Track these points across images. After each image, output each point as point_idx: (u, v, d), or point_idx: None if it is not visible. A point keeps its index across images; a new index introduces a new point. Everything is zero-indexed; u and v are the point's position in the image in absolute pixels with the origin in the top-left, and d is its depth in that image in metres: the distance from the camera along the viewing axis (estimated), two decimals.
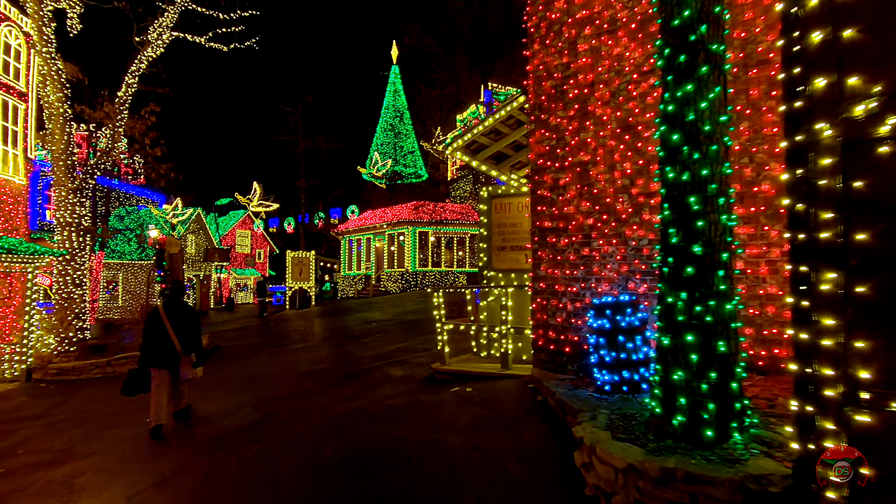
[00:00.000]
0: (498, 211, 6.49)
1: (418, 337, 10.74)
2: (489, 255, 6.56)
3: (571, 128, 5.43)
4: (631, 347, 4.25)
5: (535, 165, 5.68)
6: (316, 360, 9.47)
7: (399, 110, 33.06)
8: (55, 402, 8.50)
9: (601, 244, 5.15)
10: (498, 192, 6.54)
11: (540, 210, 5.60)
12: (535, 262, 5.63)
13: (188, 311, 6.29)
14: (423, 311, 15.66)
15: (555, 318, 5.41)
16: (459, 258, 28.09)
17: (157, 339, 5.96)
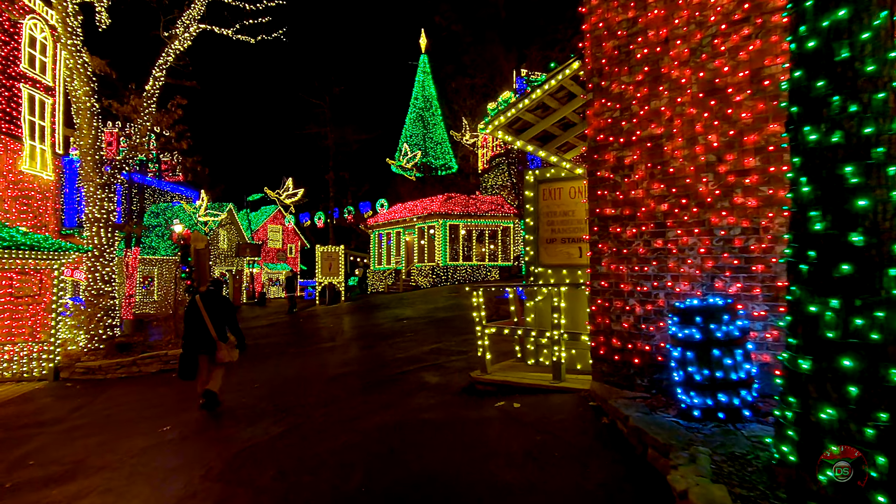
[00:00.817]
0: (546, 198, 5.66)
1: (452, 337, 10.00)
2: (536, 249, 5.73)
3: (640, 95, 4.52)
4: (729, 364, 3.37)
5: (594, 142, 4.81)
6: (344, 362, 8.86)
7: (428, 101, 32.29)
8: (77, 404, 8.19)
9: (679, 234, 4.25)
10: (546, 175, 5.69)
11: (600, 195, 4.73)
12: (594, 256, 4.77)
13: (223, 302, 6.85)
14: (455, 308, 14.93)
15: (619, 323, 4.55)
16: (492, 252, 27.21)
17: (196, 328, 6.57)
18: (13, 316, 10.74)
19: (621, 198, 4.59)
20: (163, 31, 14.53)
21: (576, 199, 5.53)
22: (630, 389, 4.41)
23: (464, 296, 18.39)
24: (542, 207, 5.69)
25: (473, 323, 12.01)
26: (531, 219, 5.78)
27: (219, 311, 6.66)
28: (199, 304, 6.61)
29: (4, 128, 10.43)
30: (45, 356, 9.98)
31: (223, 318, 6.68)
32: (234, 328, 6.80)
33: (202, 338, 6.55)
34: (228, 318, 6.74)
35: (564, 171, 5.60)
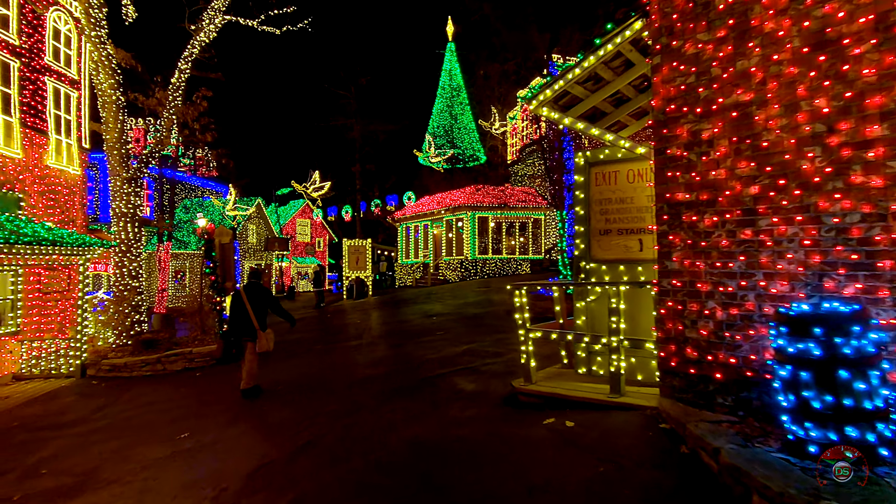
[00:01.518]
0: (599, 182, 4.92)
1: (486, 337, 9.35)
2: (587, 242, 5.00)
3: (721, 55, 3.74)
4: (862, 389, 2.61)
5: (662, 115, 4.05)
6: (371, 363, 8.34)
7: (456, 90, 31.48)
8: (100, 404, 7.94)
9: (774, 223, 3.47)
10: (599, 157, 4.95)
11: (670, 177, 3.98)
12: (662, 250, 4.03)
13: (264, 293, 7.35)
14: (486, 304, 14.27)
15: (696, 330, 3.80)
16: (522, 245, 26.38)
17: (240, 317, 7.09)
18: (42, 312, 10.67)
19: (698, 180, 3.83)
20: (188, 23, 14.28)
21: (635, 184, 4.77)
22: (709, 410, 3.68)
23: (494, 290, 17.69)
24: (594, 194, 4.95)
25: (506, 320, 11.34)
26: (581, 207, 5.05)
27: (260, 301, 7.19)
28: (243, 295, 7.16)
29: (30, 122, 10.28)
30: (72, 353, 9.85)
31: (264, 308, 7.23)
32: (280, 312, 7.49)
33: (245, 326, 7.10)
34: (271, 306, 7.39)
35: (621, 152, 4.84)
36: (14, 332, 9.80)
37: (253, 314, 7.03)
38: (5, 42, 9.71)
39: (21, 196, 9.90)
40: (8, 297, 9.80)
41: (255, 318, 7.04)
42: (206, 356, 9.89)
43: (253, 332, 7.08)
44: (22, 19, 10.16)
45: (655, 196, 4.09)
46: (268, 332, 7.19)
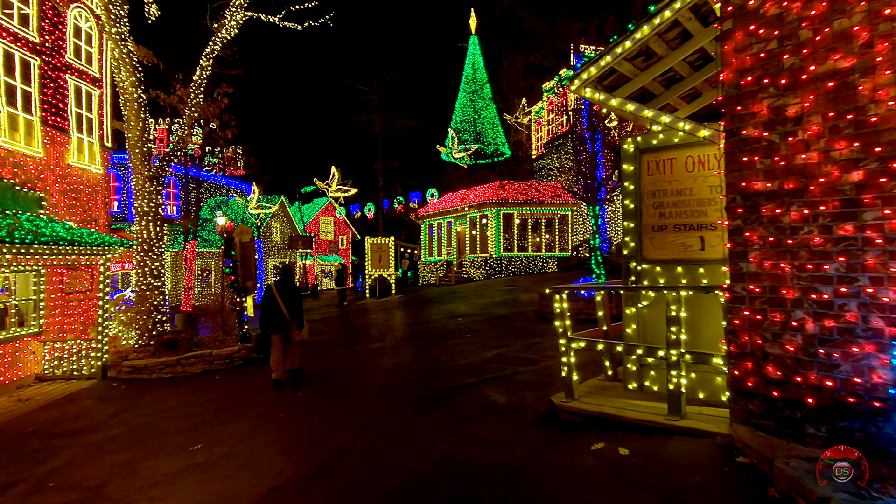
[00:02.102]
0: (652, 172, 4.31)
1: (516, 340, 8.79)
2: (638, 240, 4.40)
3: (813, 13, 3.10)
4: None
5: (735, 89, 3.43)
6: (395, 368, 7.88)
7: (479, 84, 30.82)
8: (116, 408, 7.71)
9: (885, 215, 2.83)
10: (651, 143, 4.33)
11: (746, 162, 3.36)
12: (735, 249, 3.41)
13: (294, 289, 7.75)
14: (513, 304, 13.69)
15: (779, 345, 3.19)
16: (548, 242, 25.62)
17: (272, 311, 7.47)
18: (64, 312, 10.59)
19: (782, 165, 3.20)
20: (210, 20, 14.12)
21: (695, 173, 4.14)
22: (798, 441, 3.06)
23: (521, 289, 17.08)
24: (647, 185, 4.34)
25: (536, 322, 10.73)
26: (630, 200, 4.44)
27: (291, 296, 7.57)
28: (275, 290, 7.53)
29: (51, 120, 10.17)
30: (93, 354, 9.70)
31: (294, 303, 7.56)
32: (299, 313, 7.72)
33: (277, 320, 7.46)
34: (298, 304, 7.68)
35: (678, 136, 4.21)
36: (36, 332, 9.72)
37: (285, 308, 7.44)
38: (25, 39, 9.59)
39: (42, 195, 9.80)
40: (30, 298, 9.72)
41: (287, 312, 7.45)
42: (226, 358, 9.62)
43: (286, 325, 7.46)
44: (42, 16, 10.05)
45: (726, 186, 3.47)
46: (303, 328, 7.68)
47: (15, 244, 7.29)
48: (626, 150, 4.45)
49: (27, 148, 9.56)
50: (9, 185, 8.93)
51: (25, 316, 9.76)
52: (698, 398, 4.08)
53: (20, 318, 9.71)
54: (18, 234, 7.40)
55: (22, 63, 9.52)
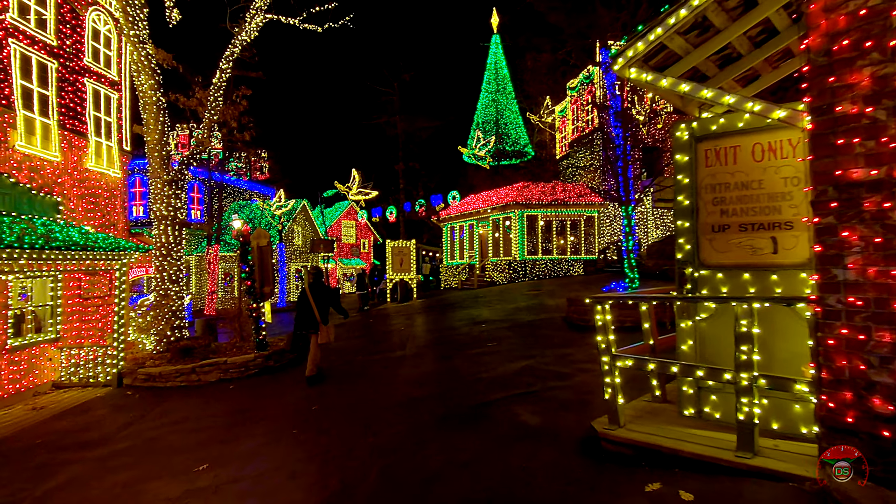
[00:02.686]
0: (711, 163, 3.69)
1: (545, 350, 8.18)
2: (694, 241, 3.78)
3: None
4: None
5: (825, 56, 2.81)
6: (416, 381, 7.38)
7: (501, 83, 30.21)
8: (128, 419, 7.42)
9: None
10: (710, 128, 3.72)
11: (840, 146, 2.74)
12: (827, 252, 2.79)
13: (326, 291, 8.18)
14: (539, 310, 13.04)
15: (891, 372, 2.55)
16: (574, 244, 24.81)
17: (305, 312, 7.95)
18: (83, 318, 10.45)
19: (891, 147, 2.57)
20: (229, 23, 14.00)
21: (765, 162, 3.51)
22: None
23: (546, 294, 16.40)
24: (704, 177, 3.73)
25: (565, 330, 10.07)
26: (685, 196, 3.82)
27: (322, 297, 8.00)
28: (308, 293, 7.99)
29: (69, 124, 10.05)
30: (109, 361, 9.50)
31: (326, 304, 8.05)
32: (339, 308, 8.40)
33: (309, 320, 7.93)
34: (332, 302, 8.24)
35: (742, 120, 3.59)
36: (53, 338, 9.58)
37: (316, 309, 7.88)
38: (42, 42, 9.49)
39: (60, 200, 9.67)
40: (47, 304, 9.59)
41: (318, 313, 7.89)
42: (241, 367, 9.29)
43: (316, 325, 7.92)
44: (59, 19, 9.96)
45: (812, 175, 2.85)
46: (329, 325, 8.09)
47: (25, 250, 7.08)
48: (678, 138, 3.84)
49: (44, 152, 9.44)
50: (25, 189, 8.79)
51: (43, 322, 9.63)
52: (771, 429, 3.44)
53: (37, 325, 9.59)
54: (29, 240, 7.19)
55: (39, 66, 9.42)
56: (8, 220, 7.71)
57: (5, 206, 8.37)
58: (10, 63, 8.72)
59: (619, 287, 10.79)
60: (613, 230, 25.00)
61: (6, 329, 8.55)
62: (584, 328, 9.67)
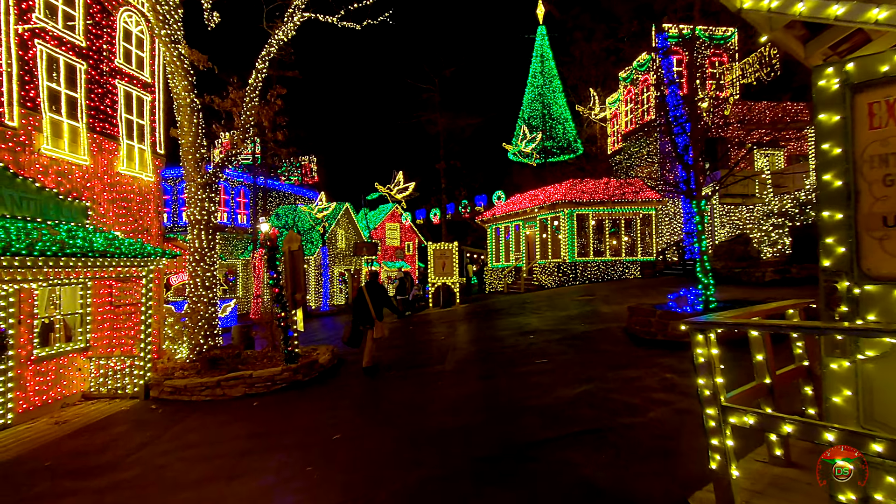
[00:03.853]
0: (881, 122, 2.45)
1: (605, 371, 6.93)
2: (853, 241, 2.54)
3: None
4: None
5: None
6: (452, 406, 6.36)
7: (548, 77, 28.73)
8: (144, 439, 6.84)
9: None
10: (879, 69, 2.47)
11: None
12: None
13: (381, 291, 8.85)
14: (594, 319, 11.69)
15: None
16: (628, 245, 23.03)
17: (361, 309, 8.67)
18: (113, 326, 10.15)
19: None
20: (266, 23, 13.58)
21: None
22: None
23: (600, 300, 14.95)
24: (869, 144, 2.48)
25: (628, 345, 8.73)
26: (835, 173, 2.59)
27: (377, 297, 8.74)
28: (365, 292, 8.76)
29: (98, 126, 9.78)
30: (136, 372, 9.10)
31: (381, 302, 8.76)
32: (392, 307, 9.15)
33: (365, 316, 8.67)
34: (386, 302, 8.87)
35: None
36: (83, 348, 9.29)
37: (372, 307, 8.61)
38: (71, 44, 9.25)
39: (89, 205, 9.39)
40: (77, 312, 9.31)
41: (374, 310, 8.62)
42: (267, 381, 8.61)
43: (371, 321, 8.64)
44: (89, 20, 9.71)
45: None
46: (384, 322, 8.78)
47: (37, 258, 6.64)
48: (822, 88, 2.60)
49: (72, 156, 9.17)
50: (51, 194, 8.51)
51: (73, 330, 9.37)
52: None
53: (67, 333, 9.33)
54: (41, 247, 6.75)
55: (67, 68, 9.17)
56: (19, 227, 7.34)
57: (31, 211, 8.09)
58: (35, 64, 8.46)
59: (690, 295, 9.32)
60: (673, 229, 23.01)
61: (31, 339, 8.27)
62: (651, 343, 8.31)
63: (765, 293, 11.25)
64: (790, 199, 18.33)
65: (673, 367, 6.59)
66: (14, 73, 8.05)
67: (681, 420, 4.72)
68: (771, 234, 18.91)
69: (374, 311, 8.62)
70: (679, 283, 16.54)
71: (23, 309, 8.11)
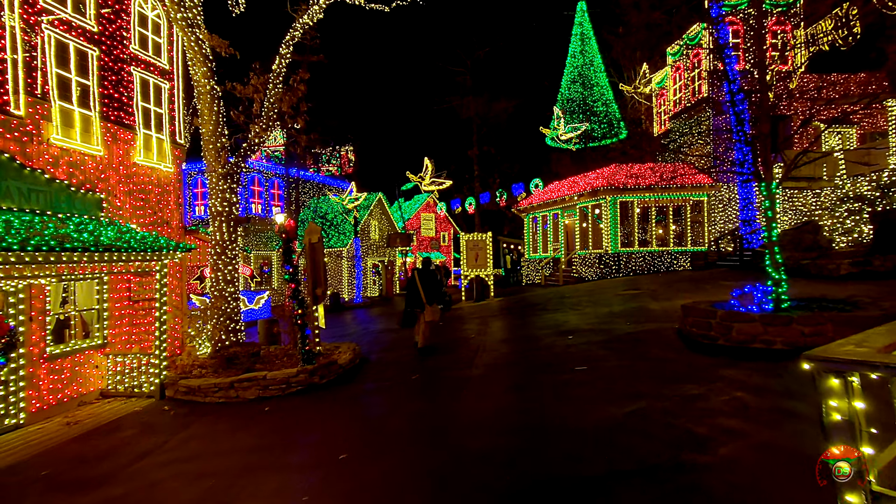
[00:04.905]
0: None
1: (659, 386, 5.87)
2: None
3: None
4: None
5: None
6: (477, 424, 5.51)
7: (588, 57, 27.01)
8: (149, 446, 6.36)
9: None
10: None
11: None
12: None
13: (431, 276, 9.42)
14: (640, 317, 10.52)
15: None
16: (676, 234, 21.38)
17: (413, 294, 9.35)
18: (133, 321, 9.87)
19: None
20: (290, 6, 12.97)
21: None
22: None
23: (647, 294, 13.67)
24: None
25: (682, 350, 7.61)
26: None
27: (428, 282, 9.21)
28: (416, 278, 9.23)
29: (113, 115, 9.42)
30: (152, 370, 8.74)
31: (431, 288, 9.21)
32: (440, 297, 9.58)
33: (416, 300, 9.17)
34: (436, 289, 9.31)
35: None
36: (101, 344, 9.02)
37: (423, 291, 9.14)
38: (81, 28, 8.87)
39: (103, 196, 9.07)
40: (93, 308, 9.04)
41: (424, 295, 9.12)
42: (282, 383, 8.03)
43: (422, 305, 9.14)
44: (101, 4, 9.31)
45: None
46: (434, 305, 9.23)
47: (33, 252, 6.23)
48: None
49: (85, 146, 8.83)
50: (62, 186, 8.18)
51: (89, 326, 9.11)
52: None
53: (85, 330, 9.08)
54: (37, 241, 6.33)
55: (78, 54, 8.80)
56: (24, 220, 6.98)
57: (40, 204, 7.77)
58: (43, 51, 8.10)
59: (756, 292, 8.05)
60: (727, 216, 21.15)
61: (44, 336, 8.00)
62: (711, 349, 7.15)
63: (844, 289, 9.75)
64: (868, 182, 16.27)
65: (743, 384, 5.47)
66: (20, 60, 7.69)
67: (763, 462, 3.69)
68: (845, 222, 16.90)
69: (424, 295, 9.13)
70: (736, 276, 14.98)
71: (34, 305, 7.83)
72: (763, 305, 7.85)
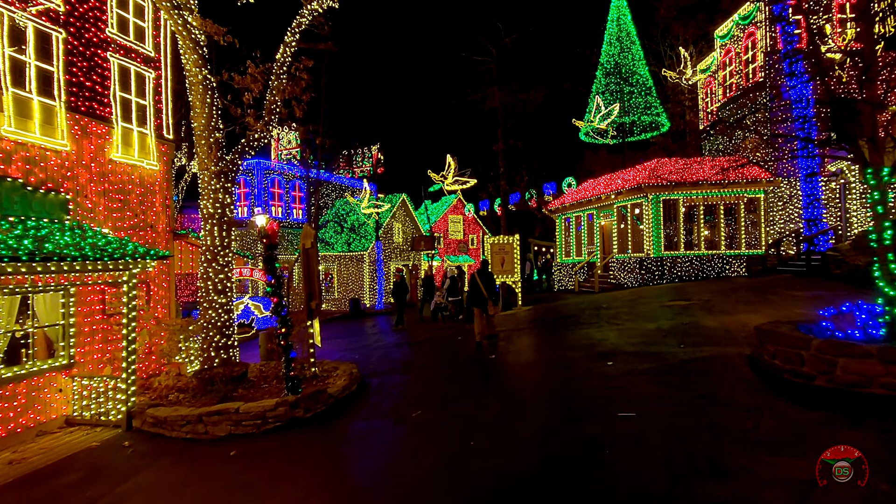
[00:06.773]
0: None
1: (751, 455, 4.12)
2: None
3: None
4: None
5: None
6: (492, 493, 3.94)
7: (626, 43, 24.92)
8: (81, 501, 5.11)
9: None
10: None
11: None
12: None
13: (489, 275, 10.38)
14: (694, 336, 8.66)
15: None
16: (728, 235, 19.10)
17: (475, 291, 10.25)
18: (107, 338, 8.78)
19: None
20: None
21: None
22: None
23: (698, 306, 11.71)
24: None
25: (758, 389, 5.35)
26: None
27: (487, 281, 10.21)
28: (477, 277, 10.25)
29: (83, 106, 8.37)
30: (119, 396, 7.59)
31: (491, 285, 10.20)
32: (493, 294, 10.24)
33: (477, 297, 10.17)
34: (490, 286, 10.20)
35: None
36: (66, 365, 7.94)
37: (484, 289, 10.05)
38: (44, 7, 7.83)
39: (70, 197, 8.01)
40: (58, 323, 7.97)
41: (486, 292, 10.05)
42: (257, 418, 6.67)
43: (483, 301, 10.07)
44: None
45: None
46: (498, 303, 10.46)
47: None
48: None
49: (46, 140, 7.78)
50: (16, 185, 7.13)
51: (55, 345, 8.04)
52: None
53: (49, 349, 8.02)
54: None
55: (39, 36, 7.76)
56: None
57: None
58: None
59: (859, 311, 6.14)
60: (788, 215, 18.72)
61: None
62: (806, 392, 5.32)
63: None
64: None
65: (879, 459, 3.68)
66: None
67: None
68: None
69: (486, 292, 10.05)
70: (805, 284, 12.78)
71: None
72: (870, 331, 5.93)
